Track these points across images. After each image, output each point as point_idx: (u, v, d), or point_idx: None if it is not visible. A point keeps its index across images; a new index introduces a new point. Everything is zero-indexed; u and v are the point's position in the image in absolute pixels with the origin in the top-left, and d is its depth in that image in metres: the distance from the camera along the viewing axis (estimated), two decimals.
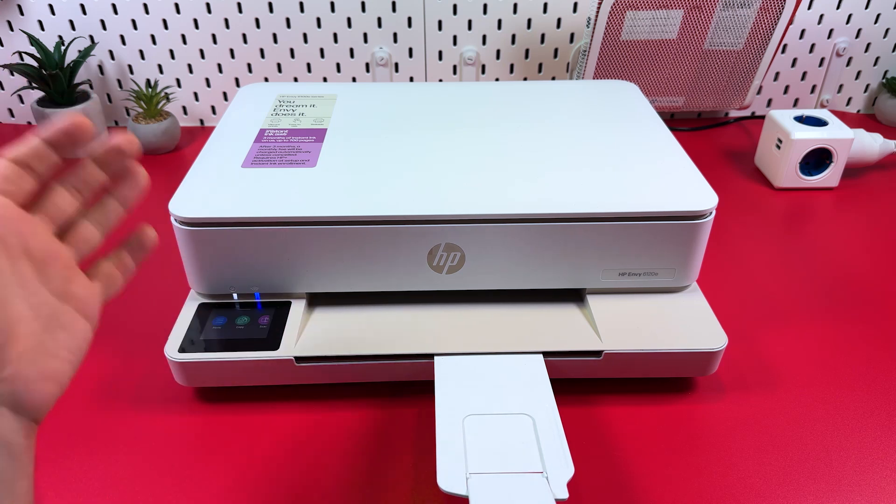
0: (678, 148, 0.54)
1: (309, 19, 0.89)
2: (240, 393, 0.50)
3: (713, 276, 0.63)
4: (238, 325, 0.49)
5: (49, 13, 0.88)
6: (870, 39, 0.93)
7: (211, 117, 0.97)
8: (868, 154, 0.79)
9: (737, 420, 0.49)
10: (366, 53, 0.92)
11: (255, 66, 0.92)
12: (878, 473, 0.44)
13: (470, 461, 0.39)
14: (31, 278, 0.28)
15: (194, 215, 0.46)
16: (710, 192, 0.49)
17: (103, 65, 0.92)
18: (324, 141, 0.55)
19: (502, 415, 0.43)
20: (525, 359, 0.47)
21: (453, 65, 0.93)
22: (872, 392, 0.51)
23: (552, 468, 0.39)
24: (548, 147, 0.54)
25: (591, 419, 0.48)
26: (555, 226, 0.47)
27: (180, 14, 0.88)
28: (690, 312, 0.50)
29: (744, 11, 0.80)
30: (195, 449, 0.46)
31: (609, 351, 0.48)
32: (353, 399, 0.50)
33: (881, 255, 0.67)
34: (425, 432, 0.47)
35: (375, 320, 0.50)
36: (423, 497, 0.43)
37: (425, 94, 0.64)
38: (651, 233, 0.48)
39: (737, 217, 0.73)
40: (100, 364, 0.53)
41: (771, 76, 0.96)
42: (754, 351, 0.55)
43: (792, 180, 0.78)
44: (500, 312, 0.51)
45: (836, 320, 0.58)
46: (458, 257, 0.48)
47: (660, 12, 0.80)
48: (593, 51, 0.83)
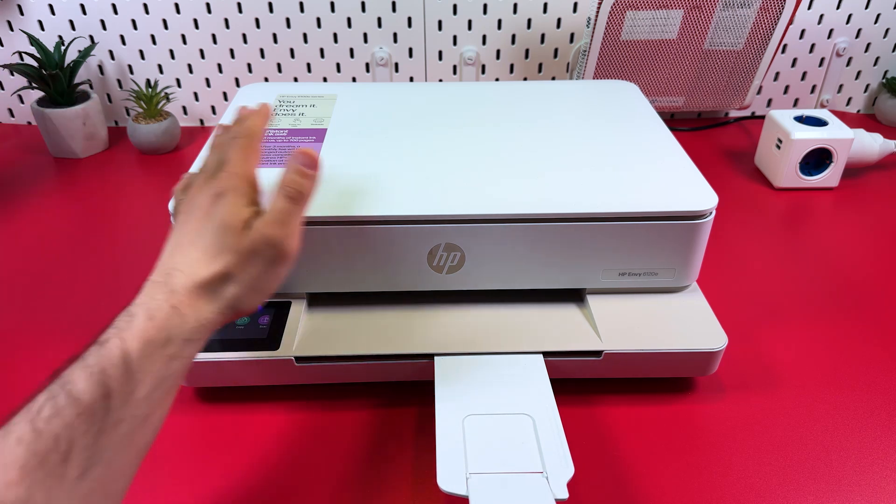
0: (678, 148, 0.54)
1: (309, 19, 0.89)
2: (240, 393, 0.50)
3: (713, 276, 0.63)
4: (238, 325, 0.49)
5: (49, 13, 0.88)
6: (870, 39, 0.93)
7: (211, 117, 0.97)
8: (868, 154, 0.79)
9: (737, 420, 0.48)
10: (366, 53, 0.92)
11: (255, 66, 0.92)
12: (878, 473, 0.44)
13: (470, 461, 0.39)
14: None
15: None
16: (711, 192, 0.48)
17: (103, 65, 0.92)
18: (324, 141, 0.55)
19: (502, 415, 0.43)
20: (525, 359, 0.47)
21: (453, 65, 0.93)
22: (872, 392, 0.51)
23: (552, 468, 0.39)
24: (548, 147, 0.54)
25: (591, 419, 0.48)
26: (555, 226, 0.47)
27: (180, 14, 0.88)
28: (690, 312, 0.50)
29: (744, 11, 0.80)
30: (195, 449, 0.46)
31: (609, 351, 0.48)
32: (353, 399, 0.50)
33: (881, 255, 0.67)
34: (425, 432, 0.47)
35: (375, 320, 0.50)
36: (423, 497, 0.43)
37: (425, 94, 0.64)
38: (651, 233, 0.48)
39: (737, 217, 0.73)
40: None
41: (771, 76, 0.96)
42: (754, 351, 0.55)
43: (792, 180, 0.78)
44: (500, 312, 0.51)
45: (836, 320, 0.58)
46: (458, 257, 0.48)
47: (660, 12, 0.80)
48: (593, 51, 0.83)
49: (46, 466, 0.27)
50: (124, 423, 0.30)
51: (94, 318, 0.58)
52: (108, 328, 0.32)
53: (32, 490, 0.26)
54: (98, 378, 0.29)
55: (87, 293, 0.62)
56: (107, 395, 0.29)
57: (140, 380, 0.31)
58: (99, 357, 0.30)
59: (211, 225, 0.36)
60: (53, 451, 0.27)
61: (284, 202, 0.37)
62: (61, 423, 0.28)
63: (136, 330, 0.31)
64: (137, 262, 0.66)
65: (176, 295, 0.34)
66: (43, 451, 0.27)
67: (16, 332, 0.57)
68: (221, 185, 0.37)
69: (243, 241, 0.35)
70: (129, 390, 0.30)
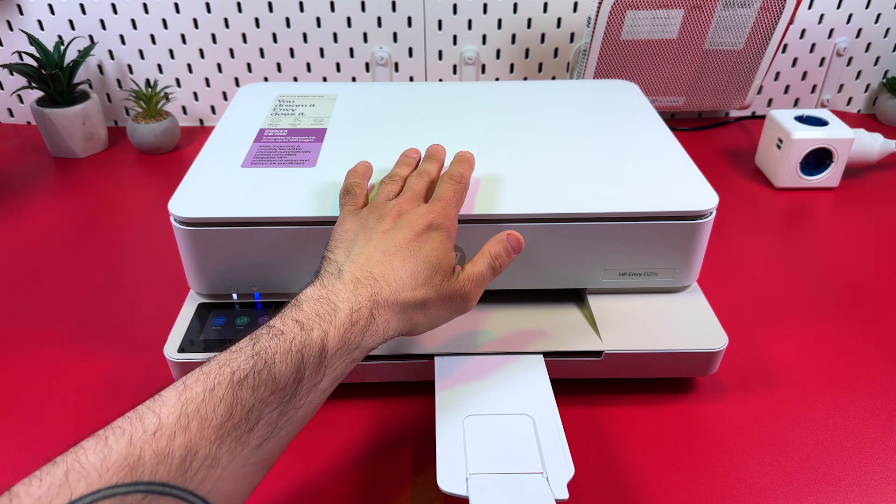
0: (678, 148, 0.54)
1: (309, 19, 0.88)
2: None
3: (713, 276, 0.63)
4: (238, 326, 0.49)
5: (49, 13, 0.88)
6: (870, 39, 0.93)
7: (210, 117, 0.97)
8: (868, 154, 0.79)
9: (737, 420, 0.48)
10: (366, 53, 0.91)
11: (255, 66, 0.92)
12: (878, 473, 0.44)
13: (470, 461, 0.39)
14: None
15: (194, 215, 0.46)
16: (711, 191, 0.48)
17: (103, 65, 0.92)
18: (324, 141, 0.55)
19: (502, 415, 0.43)
20: (525, 359, 0.47)
21: (453, 64, 0.93)
22: (873, 392, 0.51)
23: (552, 468, 0.38)
24: (548, 147, 0.54)
25: (591, 419, 0.48)
26: (555, 226, 0.47)
27: (180, 14, 0.88)
28: (691, 312, 0.50)
29: (744, 11, 0.80)
30: None
31: (609, 351, 0.48)
32: (353, 399, 0.50)
33: (882, 255, 0.67)
34: (425, 432, 0.47)
35: None
36: (423, 497, 0.43)
37: (425, 94, 0.64)
38: (651, 233, 0.48)
39: (737, 217, 0.73)
40: (100, 364, 0.53)
41: (771, 76, 0.96)
42: (755, 351, 0.55)
43: (792, 180, 0.78)
44: (500, 312, 0.51)
45: (836, 320, 0.58)
46: (458, 257, 0.48)
47: (660, 12, 0.79)
48: (593, 50, 0.83)
49: (237, 432, 0.30)
50: (301, 409, 0.33)
51: (93, 317, 0.58)
52: (306, 306, 0.34)
53: (221, 450, 0.29)
54: (297, 364, 0.32)
55: (87, 293, 0.62)
56: (299, 380, 0.32)
57: (326, 374, 0.34)
58: (302, 343, 0.33)
59: (423, 254, 0.39)
60: (245, 420, 0.30)
61: (487, 270, 0.41)
62: (259, 396, 0.31)
63: (339, 328, 0.34)
64: (137, 262, 0.66)
65: (379, 307, 0.36)
66: (238, 417, 0.30)
67: (16, 331, 0.57)
68: (437, 218, 0.40)
69: (446, 286, 0.39)
70: (316, 381, 0.33)
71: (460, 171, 0.45)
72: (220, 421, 0.29)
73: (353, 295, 0.35)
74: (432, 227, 0.40)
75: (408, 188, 0.43)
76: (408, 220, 0.40)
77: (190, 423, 0.28)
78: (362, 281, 0.36)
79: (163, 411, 0.28)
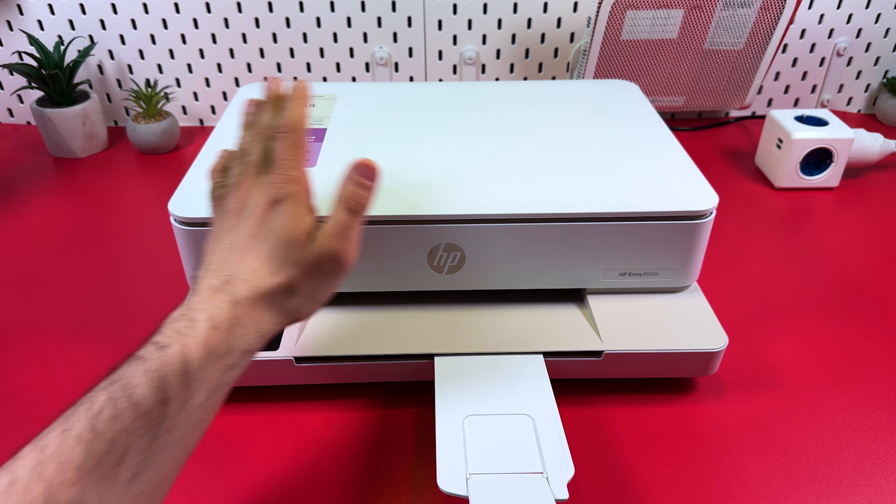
0: (678, 148, 0.54)
1: (308, 19, 0.88)
2: (240, 393, 0.50)
3: (713, 276, 0.63)
4: None
5: (49, 13, 0.88)
6: (870, 39, 0.93)
7: (210, 117, 0.97)
8: (868, 154, 0.79)
9: (737, 420, 0.48)
10: (366, 53, 0.91)
11: (255, 66, 0.92)
12: (878, 473, 0.44)
13: (470, 462, 0.39)
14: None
15: (194, 215, 0.46)
16: (711, 191, 0.48)
17: (103, 65, 0.92)
18: (324, 141, 0.55)
19: (502, 415, 0.43)
20: (525, 359, 0.47)
21: (453, 64, 0.93)
22: (873, 392, 0.51)
23: (552, 468, 0.38)
24: (548, 147, 0.54)
25: (591, 419, 0.48)
26: (555, 226, 0.47)
27: (180, 14, 0.88)
28: (691, 312, 0.50)
29: (744, 11, 0.80)
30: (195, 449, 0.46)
31: (609, 351, 0.48)
32: (353, 399, 0.50)
33: (882, 255, 0.67)
34: (425, 432, 0.47)
35: (375, 320, 0.50)
36: (423, 497, 0.43)
37: (425, 94, 0.64)
38: (651, 233, 0.48)
39: (737, 217, 0.73)
40: (99, 364, 0.53)
41: (771, 76, 0.96)
42: (755, 351, 0.55)
43: (792, 180, 0.78)
44: (500, 312, 0.51)
45: (836, 320, 0.58)
46: (458, 257, 0.48)
47: (660, 12, 0.79)
48: (593, 50, 0.83)
49: (102, 468, 0.27)
50: (178, 429, 0.30)
51: (93, 317, 0.58)
52: (166, 328, 0.32)
53: (87, 491, 0.26)
54: (158, 384, 0.29)
55: (87, 293, 0.62)
56: (165, 401, 0.29)
57: (198, 388, 0.31)
58: (160, 362, 0.30)
59: (271, 235, 0.35)
60: (110, 453, 0.27)
61: (345, 215, 0.37)
62: (120, 426, 0.28)
63: (199, 338, 0.31)
64: (137, 262, 0.66)
65: (239, 306, 0.33)
66: (100, 452, 0.27)
67: (16, 331, 0.57)
68: (278, 190, 0.36)
69: (306, 254, 0.36)
70: (187, 398, 0.30)
71: (289, 116, 0.39)
72: (80, 461, 0.27)
73: (210, 304, 0.33)
74: (275, 201, 0.36)
75: (243, 166, 0.38)
76: (249, 208, 0.36)
77: (45, 470, 0.26)
78: (219, 287, 0.34)
79: (18, 465, 0.26)
